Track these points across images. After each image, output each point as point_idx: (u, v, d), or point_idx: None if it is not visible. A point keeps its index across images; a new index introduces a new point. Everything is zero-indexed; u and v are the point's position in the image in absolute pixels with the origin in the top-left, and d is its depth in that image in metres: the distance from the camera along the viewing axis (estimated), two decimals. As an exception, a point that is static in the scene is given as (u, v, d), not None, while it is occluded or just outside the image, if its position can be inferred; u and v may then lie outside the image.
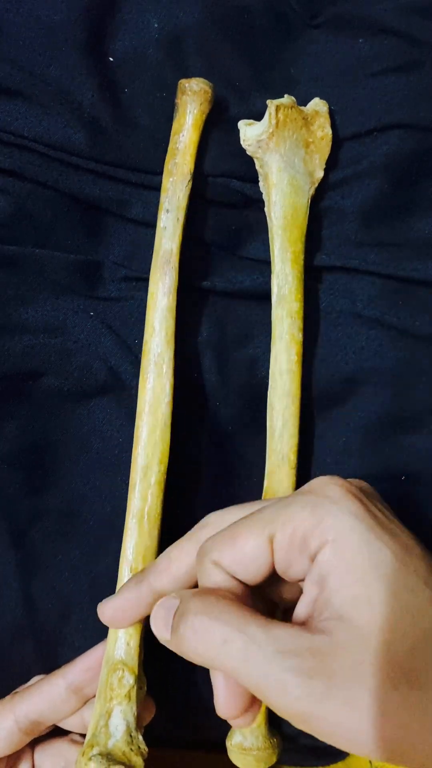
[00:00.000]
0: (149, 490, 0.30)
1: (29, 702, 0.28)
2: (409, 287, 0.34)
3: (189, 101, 0.31)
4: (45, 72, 0.32)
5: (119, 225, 0.34)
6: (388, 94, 0.33)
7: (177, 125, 0.32)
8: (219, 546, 0.24)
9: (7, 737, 0.28)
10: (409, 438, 0.34)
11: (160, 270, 0.31)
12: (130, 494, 0.30)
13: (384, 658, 0.20)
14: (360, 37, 0.34)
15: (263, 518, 0.24)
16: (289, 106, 0.31)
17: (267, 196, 0.32)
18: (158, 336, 0.30)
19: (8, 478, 0.33)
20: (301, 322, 0.31)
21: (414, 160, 0.34)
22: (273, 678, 0.20)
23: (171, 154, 0.31)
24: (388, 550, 0.22)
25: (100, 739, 0.27)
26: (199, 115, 0.31)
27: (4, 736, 0.28)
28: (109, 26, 0.33)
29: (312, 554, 0.23)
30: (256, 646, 0.21)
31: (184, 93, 0.31)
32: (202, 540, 0.25)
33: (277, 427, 0.31)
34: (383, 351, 0.34)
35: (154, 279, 0.31)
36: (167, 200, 0.31)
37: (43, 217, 0.33)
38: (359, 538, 0.22)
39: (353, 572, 0.21)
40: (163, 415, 0.30)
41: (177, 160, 0.31)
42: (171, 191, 0.31)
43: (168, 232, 0.31)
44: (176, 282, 0.31)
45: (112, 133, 0.32)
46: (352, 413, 0.34)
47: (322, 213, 0.34)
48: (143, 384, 0.30)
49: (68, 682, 0.28)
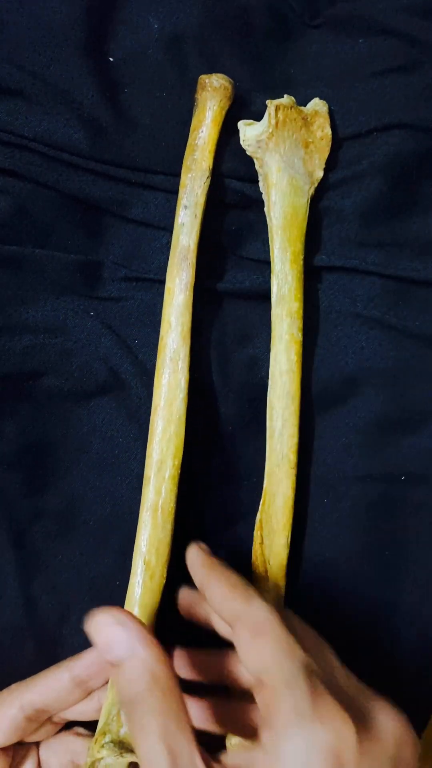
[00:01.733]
0: (163, 484, 0.30)
1: (34, 691, 0.28)
2: (409, 287, 0.34)
3: (209, 97, 0.31)
4: (45, 72, 0.32)
5: (119, 225, 0.34)
6: (388, 94, 0.33)
7: (196, 121, 0.31)
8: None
9: (12, 724, 0.28)
10: (409, 438, 0.34)
11: (177, 266, 0.31)
12: (145, 488, 0.30)
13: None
14: (360, 37, 0.34)
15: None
16: (289, 106, 0.31)
17: (267, 196, 0.32)
18: (174, 332, 0.30)
19: (8, 478, 0.33)
20: (300, 322, 0.31)
21: (414, 160, 0.34)
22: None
23: (190, 150, 0.31)
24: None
25: (113, 728, 0.27)
26: (219, 111, 0.31)
27: (9, 724, 0.28)
28: (109, 26, 0.33)
29: (260, 739, 0.22)
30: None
31: (204, 89, 0.31)
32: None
33: (277, 426, 0.31)
34: (383, 351, 0.34)
35: (171, 275, 0.31)
36: (185, 196, 0.31)
37: (43, 217, 0.33)
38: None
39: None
40: (178, 410, 0.30)
41: (196, 156, 0.31)
42: (189, 187, 0.31)
43: (186, 228, 0.31)
44: (193, 278, 0.31)
45: (112, 133, 0.32)
46: (352, 413, 0.34)
47: (321, 213, 0.34)
48: (159, 380, 0.31)
49: (73, 675, 0.28)
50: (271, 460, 0.31)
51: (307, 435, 0.34)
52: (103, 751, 0.26)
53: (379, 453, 0.34)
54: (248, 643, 0.24)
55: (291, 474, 0.31)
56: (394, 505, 0.34)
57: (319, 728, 0.21)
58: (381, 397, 0.34)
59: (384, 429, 0.34)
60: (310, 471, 0.34)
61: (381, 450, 0.34)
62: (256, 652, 0.23)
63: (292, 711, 0.21)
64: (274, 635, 0.24)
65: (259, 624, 0.24)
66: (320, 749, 0.21)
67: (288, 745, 0.21)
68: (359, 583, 0.34)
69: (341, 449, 0.34)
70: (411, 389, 0.34)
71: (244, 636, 0.24)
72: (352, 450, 0.34)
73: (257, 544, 0.32)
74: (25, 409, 0.33)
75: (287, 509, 0.31)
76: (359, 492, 0.34)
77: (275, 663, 0.23)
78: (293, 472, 0.31)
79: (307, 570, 0.34)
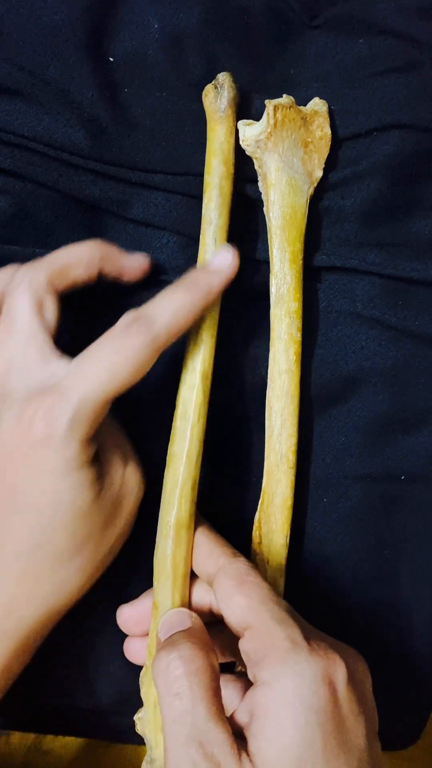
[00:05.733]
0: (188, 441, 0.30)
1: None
2: (409, 287, 0.34)
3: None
4: (45, 72, 0.32)
5: (119, 225, 0.34)
6: (388, 94, 0.33)
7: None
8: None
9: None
10: (409, 438, 0.34)
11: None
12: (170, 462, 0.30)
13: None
14: (360, 38, 0.34)
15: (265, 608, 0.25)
16: (288, 106, 0.31)
17: (266, 195, 0.32)
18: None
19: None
20: (299, 321, 0.31)
21: (414, 160, 0.34)
22: (178, 764, 0.22)
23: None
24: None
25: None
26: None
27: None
28: (109, 26, 0.33)
29: (254, 680, 0.24)
30: (193, 726, 0.22)
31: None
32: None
33: (276, 426, 0.31)
34: (383, 351, 0.34)
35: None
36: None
37: (43, 217, 0.33)
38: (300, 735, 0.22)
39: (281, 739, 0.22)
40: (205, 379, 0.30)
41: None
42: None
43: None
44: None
45: (112, 132, 0.32)
46: (352, 413, 0.34)
47: (321, 213, 0.34)
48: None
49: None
50: (270, 459, 0.31)
51: (307, 434, 0.34)
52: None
53: (379, 452, 0.34)
54: (233, 590, 0.25)
55: (290, 473, 0.31)
56: (394, 504, 0.34)
57: (314, 657, 0.23)
58: (380, 396, 0.34)
59: (383, 428, 0.34)
60: (309, 470, 0.34)
61: (381, 449, 0.34)
62: (242, 597, 0.25)
63: (287, 642, 0.23)
64: (258, 582, 0.25)
65: (242, 574, 0.26)
66: (316, 676, 0.22)
67: (287, 675, 0.22)
68: (358, 582, 0.34)
69: (340, 449, 0.34)
70: (410, 389, 0.34)
71: (229, 585, 0.25)
72: (352, 449, 0.34)
73: (256, 544, 0.32)
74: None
75: (286, 509, 0.31)
76: (358, 492, 0.34)
77: (263, 605, 0.24)
78: (292, 472, 0.31)
79: (305, 569, 0.34)
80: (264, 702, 0.23)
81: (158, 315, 0.27)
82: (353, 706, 0.23)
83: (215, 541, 0.29)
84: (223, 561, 0.27)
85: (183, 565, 0.29)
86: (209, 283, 0.28)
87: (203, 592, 0.29)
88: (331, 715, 0.22)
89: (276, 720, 0.22)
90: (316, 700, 0.22)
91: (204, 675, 0.24)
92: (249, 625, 0.24)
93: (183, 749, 0.22)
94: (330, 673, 0.23)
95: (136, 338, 0.26)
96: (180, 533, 0.29)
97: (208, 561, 0.28)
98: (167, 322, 0.27)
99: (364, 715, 0.23)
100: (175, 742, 0.23)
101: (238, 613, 0.25)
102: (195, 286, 0.28)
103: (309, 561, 0.34)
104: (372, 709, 0.24)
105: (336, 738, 0.22)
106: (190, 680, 0.23)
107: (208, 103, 0.32)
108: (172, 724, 0.23)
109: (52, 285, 0.29)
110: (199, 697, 0.23)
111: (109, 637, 0.32)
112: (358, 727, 0.23)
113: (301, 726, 0.22)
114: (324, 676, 0.23)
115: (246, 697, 0.24)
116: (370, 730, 0.23)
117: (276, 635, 0.23)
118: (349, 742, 0.22)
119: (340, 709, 0.22)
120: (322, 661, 0.23)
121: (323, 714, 0.22)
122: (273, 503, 0.31)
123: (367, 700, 0.24)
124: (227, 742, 0.22)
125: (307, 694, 0.22)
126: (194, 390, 0.30)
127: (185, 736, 0.22)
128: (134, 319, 0.27)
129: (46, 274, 0.29)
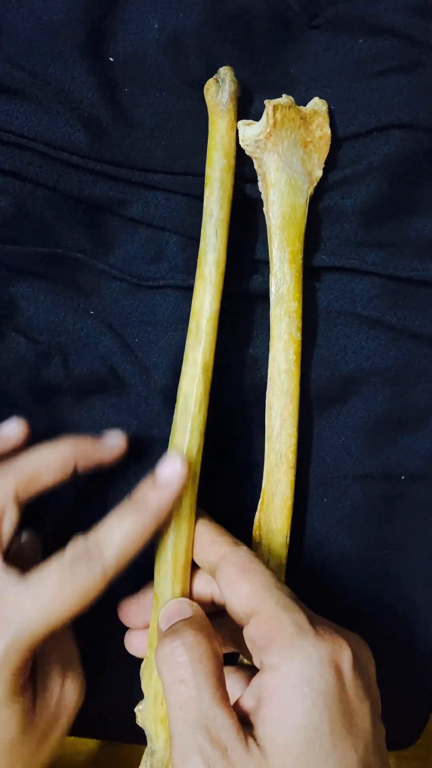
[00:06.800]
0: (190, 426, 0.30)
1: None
2: (409, 287, 0.34)
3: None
4: (45, 72, 0.32)
5: (119, 225, 0.34)
6: (388, 94, 0.33)
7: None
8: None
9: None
10: (408, 438, 0.34)
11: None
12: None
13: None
14: (360, 37, 0.34)
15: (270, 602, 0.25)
16: (287, 105, 0.31)
17: (265, 195, 0.32)
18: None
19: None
20: (299, 321, 0.31)
21: (414, 160, 0.34)
22: (184, 750, 0.22)
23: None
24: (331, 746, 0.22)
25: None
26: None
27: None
28: (109, 26, 0.33)
29: (260, 666, 0.24)
30: (199, 712, 0.23)
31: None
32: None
33: (276, 426, 0.31)
34: (383, 351, 0.34)
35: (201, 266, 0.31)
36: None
37: (43, 217, 0.33)
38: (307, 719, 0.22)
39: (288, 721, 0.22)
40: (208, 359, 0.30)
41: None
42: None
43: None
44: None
45: (112, 132, 0.32)
46: (352, 413, 0.34)
47: (321, 213, 0.34)
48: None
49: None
50: (270, 459, 0.31)
51: (306, 434, 0.34)
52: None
53: (379, 452, 0.34)
54: (238, 577, 0.25)
55: (290, 474, 0.31)
56: (394, 504, 0.34)
57: (320, 641, 0.23)
58: (380, 396, 0.34)
59: (383, 428, 0.34)
60: (309, 470, 0.34)
61: (380, 449, 0.34)
62: (246, 584, 0.25)
63: (293, 627, 0.23)
64: (261, 569, 0.25)
65: (246, 561, 0.26)
66: (323, 660, 0.23)
67: (295, 658, 0.23)
68: (358, 583, 0.34)
69: (340, 449, 0.34)
70: (410, 389, 0.34)
71: (232, 572, 0.26)
72: (352, 449, 0.34)
73: (256, 544, 0.32)
74: (25, 408, 0.33)
75: (286, 509, 0.31)
76: (358, 491, 0.34)
77: (268, 591, 0.25)
78: (292, 472, 0.31)
79: (305, 569, 0.34)
80: (272, 685, 0.23)
81: (107, 546, 0.26)
82: (359, 689, 0.23)
83: (216, 530, 0.29)
84: (225, 549, 0.27)
85: (183, 557, 0.29)
86: (159, 501, 0.27)
87: (204, 584, 0.29)
88: (338, 698, 0.22)
89: (284, 702, 0.22)
90: (324, 682, 0.22)
91: (208, 661, 0.24)
92: (254, 611, 0.24)
93: (189, 735, 0.22)
94: (336, 657, 0.23)
95: (84, 573, 0.25)
96: (181, 524, 0.29)
97: (210, 550, 0.28)
98: (116, 552, 0.26)
99: (369, 698, 0.23)
100: (181, 729, 0.23)
101: (242, 600, 0.25)
102: (145, 507, 0.27)
103: (309, 561, 0.34)
104: (376, 693, 0.24)
105: (343, 720, 0.22)
106: (195, 666, 0.23)
107: (209, 97, 0.32)
108: (178, 711, 0.23)
109: (17, 496, 0.28)
110: (204, 683, 0.23)
111: (109, 634, 0.32)
112: (363, 710, 0.23)
113: (308, 708, 0.22)
114: (330, 659, 0.23)
115: (252, 683, 0.24)
116: (375, 713, 0.23)
117: (282, 620, 0.23)
118: (356, 725, 0.22)
119: (347, 692, 0.23)
120: (329, 645, 0.23)
121: (330, 697, 0.22)
122: (273, 503, 0.31)
123: (372, 684, 0.24)
124: (234, 727, 0.22)
125: (315, 676, 0.22)
126: (195, 382, 0.30)
127: (191, 721, 0.22)
128: (84, 552, 0.26)
129: (14, 484, 0.27)
